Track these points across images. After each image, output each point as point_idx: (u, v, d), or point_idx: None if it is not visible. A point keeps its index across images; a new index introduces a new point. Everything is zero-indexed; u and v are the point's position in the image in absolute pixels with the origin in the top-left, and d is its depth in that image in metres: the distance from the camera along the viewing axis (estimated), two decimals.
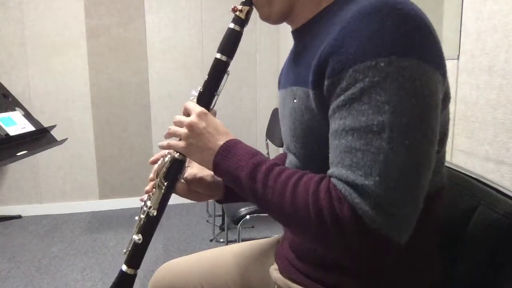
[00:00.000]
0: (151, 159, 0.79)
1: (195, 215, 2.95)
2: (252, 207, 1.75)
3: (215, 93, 0.72)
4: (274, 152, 2.93)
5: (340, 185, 0.51)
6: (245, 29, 0.71)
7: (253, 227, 2.70)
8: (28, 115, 2.13)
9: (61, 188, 3.04)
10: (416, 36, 0.51)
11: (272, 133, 2.78)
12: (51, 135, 2.18)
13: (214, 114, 0.73)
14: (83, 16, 2.90)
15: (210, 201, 2.98)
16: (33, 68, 2.87)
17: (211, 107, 0.72)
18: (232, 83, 3.13)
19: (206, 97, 0.71)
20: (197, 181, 0.81)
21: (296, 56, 0.70)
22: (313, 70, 0.57)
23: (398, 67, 0.49)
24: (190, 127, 0.66)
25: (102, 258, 2.28)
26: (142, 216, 0.74)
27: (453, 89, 1.23)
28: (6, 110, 2.05)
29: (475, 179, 0.73)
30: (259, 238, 0.96)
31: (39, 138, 2.10)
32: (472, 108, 1.07)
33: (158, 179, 0.74)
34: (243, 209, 1.75)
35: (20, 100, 2.31)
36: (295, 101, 0.64)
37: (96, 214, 3.01)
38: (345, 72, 0.51)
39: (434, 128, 0.52)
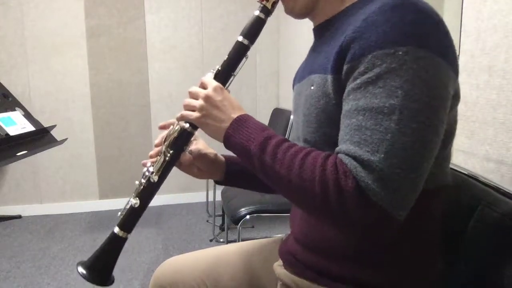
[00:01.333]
0: (161, 124, 0.81)
1: (195, 215, 2.95)
2: (253, 207, 1.75)
3: (232, 73, 0.75)
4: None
5: (347, 160, 0.54)
6: None
7: (253, 227, 2.70)
8: (28, 115, 2.13)
9: (61, 188, 3.04)
10: (434, 32, 0.55)
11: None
12: (51, 135, 2.18)
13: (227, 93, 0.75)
14: (83, 16, 2.90)
15: (210, 201, 2.99)
16: (33, 68, 2.87)
17: (226, 86, 0.74)
18: (232, 83, 3.11)
19: (223, 76, 0.74)
20: (200, 156, 0.84)
21: (315, 50, 0.74)
22: (334, 56, 0.60)
23: (414, 57, 0.53)
24: (207, 98, 0.69)
25: None
26: (143, 180, 0.76)
27: None
28: (6, 110, 2.05)
29: (475, 179, 0.73)
30: (259, 238, 0.97)
31: (39, 138, 2.10)
32: (472, 108, 1.07)
33: (164, 146, 0.75)
34: (243, 209, 1.75)
35: (20, 100, 2.31)
36: (312, 87, 0.67)
37: (96, 214, 3.01)
38: (365, 57, 0.55)
39: (441, 118, 0.55)
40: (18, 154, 1.84)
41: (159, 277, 0.91)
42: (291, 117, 2.48)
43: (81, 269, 0.72)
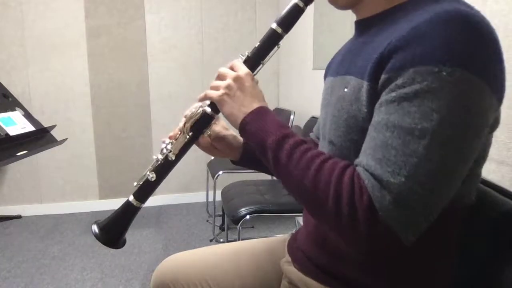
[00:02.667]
0: (185, 113, 0.81)
1: (195, 215, 2.95)
2: (253, 207, 1.75)
3: (262, 62, 0.73)
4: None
5: (365, 175, 0.52)
6: (244, 29, 0.72)
7: (253, 227, 2.70)
8: (28, 115, 2.13)
9: (61, 188, 3.04)
10: (485, 56, 0.51)
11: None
12: (51, 135, 2.17)
13: (256, 83, 0.74)
14: (83, 16, 2.90)
15: (210, 201, 2.99)
16: (33, 68, 2.87)
17: (254, 73, 0.73)
18: None
19: (252, 63, 0.73)
20: (219, 138, 0.85)
21: (356, 47, 0.69)
22: (374, 63, 0.57)
23: (458, 80, 0.49)
24: (237, 78, 0.68)
25: (102, 258, 2.28)
26: (161, 157, 0.77)
27: None
28: (6, 110, 2.04)
29: None
30: (258, 238, 0.97)
31: (39, 138, 2.10)
32: None
33: (185, 127, 0.76)
34: (243, 209, 1.75)
35: (20, 100, 2.30)
36: (346, 89, 0.64)
37: (96, 214, 3.01)
38: (405, 71, 0.51)
39: (473, 148, 0.52)
40: (18, 154, 1.84)
41: (161, 274, 0.91)
42: (291, 117, 2.48)
43: (94, 228, 0.77)
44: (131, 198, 0.78)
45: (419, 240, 0.52)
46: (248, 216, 1.73)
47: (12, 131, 1.91)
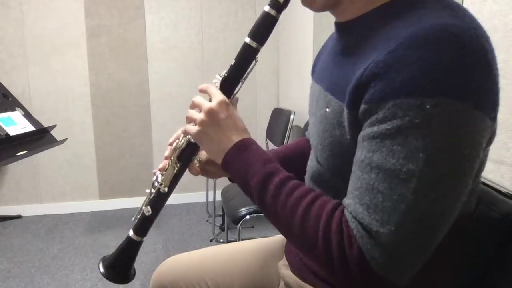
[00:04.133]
0: (169, 141, 0.79)
1: (195, 215, 2.95)
2: (253, 207, 1.75)
3: (240, 80, 0.68)
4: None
5: (353, 224, 0.49)
6: (244, 29, 0.67)
7: (253, 227, 2.70)
8: (28, 115, 2.13)
9: (61, 188, 3.04)
10: (473, 77, 0.45)
11: (272, 133, 2.78)
12: (51, 135, 2.17)
13: (236, 101, 0.71)
14: (83, 16, 2.90)
15: (210, 201, 2.99)
16: (33, 68, 2.87)
17: (234, 93, 0.69)
18: None
19: (231, 83, 0.67)
20: (211, 161, 0.80)
21: (337, 55, 0.64)
22: (351, 91, 0.52)
23: (444, 112, 0.44)
24: (209, 113, 0.63)
25: None
26: (153, 190, 0.75)
27: None
28: (6, 110, 2.04)
29: None
30: (258, 238, 0.96)
31: (39, 138, 2.10)
32: None
33: (173, 158, 0.73)
34: (243, 209, 1.75)
35: (20, 100, 2.30)
36: (327, 110, 0.60)
37: (96, 214, 3.01)
38: (385, 103, 0.46)
39: (466, 183, 0.48)
40: (18, 154, 1.84)
41: (160, 276, 0.91)
42: (291, 117, 2.48)
43: (100, 267, 0.78)
44: (131, 233, 0.77)
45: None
46: (248, 216, 1.73)
47: (12, 131, 1.91)
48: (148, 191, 0.76)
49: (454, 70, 0.44)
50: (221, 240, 2.51)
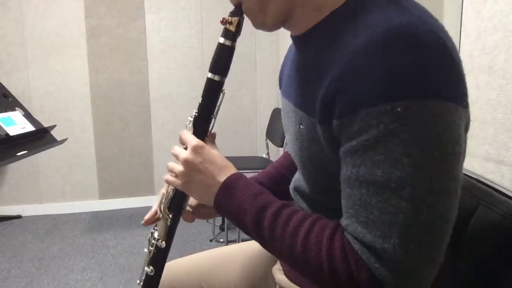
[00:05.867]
0: (147, 216, 0.77)
1: None
2: None
3: (212, 116, 0.67)
4: (274, 152, 2.93)
5: (357, 246, 0.47)
6: (243, 29, 0.65)
7: None
8: (28, 115, 2.13)
9: (61, 188, 3.04)
10: (436, 71, 0.44)
11: (272, 133, 2.78)
12: (51, 135, 2.17)
13: (214, 138, 0.69)
14: (83, 16, 2.90)
15: None
16: (33, 68, 2.87)
17: (209, 130, 0.68)
18: (232, 83, 3.13)
19: (203, 122, 0.66)
20: (202, 204, 0.78)
21: (298, 69, 0.64)
22: (320, 105, 0.51)
23: (417, 112, 0.43)
24: (186, 163, 0.62)
25: (102, 258, 2.28)
26: (151, 248, 0.73)
27: None
28: (6, 110, 2.04)
29: (475, 179, 0.73)
30: None
31: (39, 138, 2.10)
32: (472, 108, 1.07)
33: (163, 210, 0.71)
34: None
35: (20, 100, 2.30)
36: (301, 126, 0.59)
37: (96, 214, 3.01)
38: (357, 115, 0.45)
39: (457, 177, 0.47)
40: (18, 154, 1.84)
41: None
42: None
43: None
44: None
45: None
46: None
47: (12, 131, 1.91)
48: (146, 250, 0.74)
49: (416, 69, 0.44)
50: (221, 240, 2.51)
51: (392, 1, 0.50)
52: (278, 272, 0.76)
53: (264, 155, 2.87)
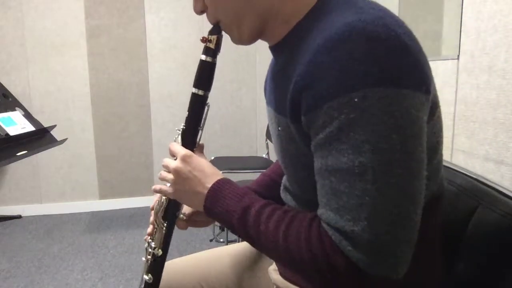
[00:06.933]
0: (151, 206, 0.79)
1: None
2: None
3: (198, 128, 0.71)
4: (274, 152, 2.93)
5: (330, 231, 0.50)
6: None
7: None
8: (28, 115, 2.13)
9: (61, 188, 3.04)
10: (389, 61, 0.47)
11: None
12: (51, 135, 2.17)
13: (202, 148, 0.74)
14: (83, 16, 2.90)
15: None
16: (33, 68, 2.87)
17: (197, 141, 0.72)
18: (232, 83, 3.13)
19: (190, 134, 0.71)
20: (197, 212, 0.81)
21: (275, 76, 0.68)
22: (289, 105, 0.55)
23: (373, 100, 0.46)
24: (176, 172, 0.66)
25: (102, 258, 2.28)
26: (149, 256, 0.75)
27: (453, 89, 1.23)
28: (6, 110, 2.05)
29: (475, 179, 0.73)
30: None
31: (39, 138, 2.10)
32: (472, 108, 1.07)
33: (158, 219, 0.74)
34: None
35: (20, 100, 2.30)
36: (279, 129, 0.63)
37: (96, 214, 3.01)
38: (320, 109, 0.49)
39: (419, 159, 0.50)
40: (18, 154, 1.84)
41: None
42: None
43: None
44: None
45: None
46: None
47: (12, 131, 1.91)
48: (144, 259, 0.77)
49: (369, 60, 0.47)
50: (221, 240, 2.51)
51: (350, 5, 0.53)
52: (274, 272, 0.77)
53: (264, 155, 2.88)
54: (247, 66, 3.20)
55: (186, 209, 0.81)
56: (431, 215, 0.61)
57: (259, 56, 3.21)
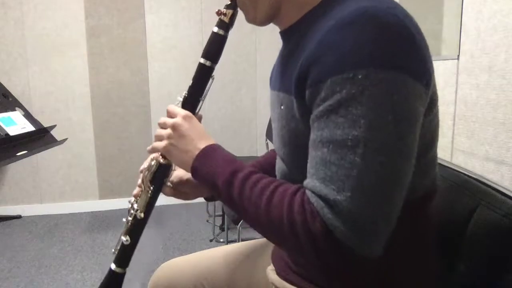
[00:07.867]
0: (140, 168, 0.79)
1: (195, 215, 2.95)
2: None
3: (200, 98, 0.72)
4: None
5: (313, 199, 0.51)
6: (243, 29, 0.70)
7: None
8: (28, 115, 2.13)
9: (61, 188, 3.04)
10: (396, 47, 0.50)
11: (272, 133, 2.77)
12: (51, 135, 2.18)
13: (200, 119, 0.73)
14: (83, 16, 2.90)
15: None
16: (33, 68, 2.87)
17: (196, 111, 0.73)
18: (232, 83, 3.14)
19: (191, 102, 0.72)
20: (183, 182, 0.82)
21: (283, 60, 0.70)
22: (295, 80, 0.57)
23: (375, 80, 0.48)
24: (174, 127, 0.67)
25: (102, 258, 2.28)
26: (130, 218, 0.75)
27: (453, 89, 1.23)
28: (6, 110, 2.05)
29: (475, 179, 0.73)
30: (259, 238, 0.96)
31: (39, 138, 2.10)
32: (472, 108, 1.07)
33: (144, 183, 0.75)
34: None
35: (20, 100, 2.31)
36: (282, 107, 0.64)
37: (96, 214, 3.01)
38: (324, 83, 0.51)
39: (410, 144, 0.51)
40: (18, 154, 1.84)
41: (156, 281, 0.91)
42: None
43: None
44: (113, 266, 0.76)
45: (394, 245, 0.51)
46: None
47: (12, 131, 1.91)
48: (124, 220, 0.76)
49: (376, 43, 0.49)
50: (221, 240, 2.51)
51: None
52: (271, 273, 0.77)
53: None
54: (247, 66, 3.20)
55: (173, 178, 0.81)
56: (423, 210, 0.62)
57: (259, 56, 3.21)
